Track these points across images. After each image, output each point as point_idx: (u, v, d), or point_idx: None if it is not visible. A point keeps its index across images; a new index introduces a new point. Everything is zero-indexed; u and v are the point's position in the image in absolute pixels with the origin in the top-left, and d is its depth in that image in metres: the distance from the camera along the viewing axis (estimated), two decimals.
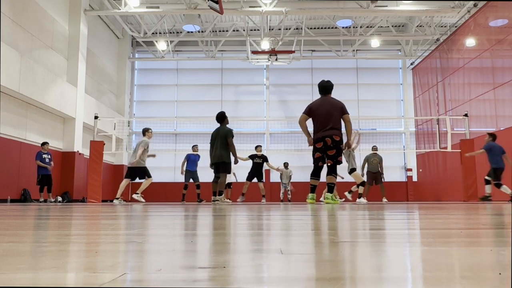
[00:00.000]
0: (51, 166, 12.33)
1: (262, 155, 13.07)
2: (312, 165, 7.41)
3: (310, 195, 7.27)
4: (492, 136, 10.43)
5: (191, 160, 13.37)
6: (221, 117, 9.02)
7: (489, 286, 0.65)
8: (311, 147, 7.39)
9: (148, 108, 20.88)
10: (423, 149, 17.33)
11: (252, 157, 12.89)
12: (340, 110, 7.19)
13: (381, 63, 20.79)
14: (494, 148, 10.17)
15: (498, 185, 9.98)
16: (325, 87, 7.41)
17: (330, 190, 7.29)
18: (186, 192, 13.59)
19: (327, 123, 7.10)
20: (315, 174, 7.35)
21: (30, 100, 12.63)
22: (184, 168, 13.38)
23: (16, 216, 3.29)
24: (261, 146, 13.46)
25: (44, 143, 12.39)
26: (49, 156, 12.37)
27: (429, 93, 17.64)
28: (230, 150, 8.76)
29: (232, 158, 8.81)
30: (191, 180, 13.49)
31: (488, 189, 10.25)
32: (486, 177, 10.31)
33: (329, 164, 7.24)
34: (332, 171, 7.23)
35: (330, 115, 7.12)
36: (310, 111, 7.28)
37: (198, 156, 13.56)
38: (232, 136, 8.84)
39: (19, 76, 11.75)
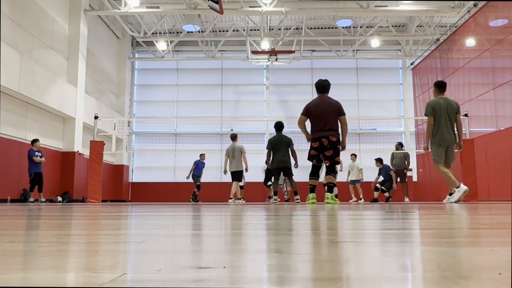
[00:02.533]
0: (43, 161, 12.01)
1: None
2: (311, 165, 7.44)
3: (310, 195, 7.25)
4: None
5: (199, 167, 15.64)
6: (281, 126, 9.74)
7: (489, 286, 0.65)
8: (310, 148, 7.40)
9: (148, 108, 20.89)
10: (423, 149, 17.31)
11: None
12: (337, 111, 7.16)
13: (381, 63, 20.79)
14: None
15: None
16: (323, 86, 7.38)
17: (330, 190, 7.28)
18: (198, 192, 15.65)
19: (324, 124, 7.08)
20: (314, 174, 7.35)
21: (30, 100, 12.63)
22: (191, 174, 15.56)
23: (16, 216, 3.29)
24: None
25: (35, 140, 11.98)
26: (40, 154, 12.00)
27: (429, 93, 17.63)
28: (293, 156, 9.59)
29: (293, 162, 9.59)
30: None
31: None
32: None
33: (327, 164, 7.25)
34: (331, 171, 7.23)
35: (327, 116, 7.10)
36: (307, 112, 7.26)
37: (204, 163, 15.70)
38: (293, 144, 9.64)
39: (19, 76, 11.76)
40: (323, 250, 1.10)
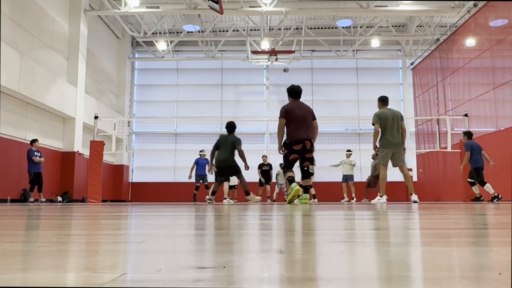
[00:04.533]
0: (43, 161, 11.94)
1: (268, 163, 16.02)
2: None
3: (293, 184, 7.18)
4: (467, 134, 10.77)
5: (200, 164, 14.76)
6: (232, 127, 9.46)
7: (489, 286, 0.65)
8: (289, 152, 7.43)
9: (148, 108, 20.89)
10: (423, 149, 17.33)
11: (260, 166, 15.93)
12: (312, 115, 7.43)
13: (381, 63, 20.79)
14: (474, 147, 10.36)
15: (483, 183, 10.27)
16: (297, 92, 7.58)
17: (307, 191, 7.37)
18: (197, 193, 14.95)
19: (305, 127, 7.28)
20: (290, 167, 7.42)
21: (30, 100, 12.63)
22: (193, 173, 14.79)
23: (16, 216, 3.29)
24: (266, 156, 16.08)
25: (34, 140, 11.89)
26: (39, 154, 11.92)
27: (429, 93, 17.63)
28: (240, 157, 9.19)
29: (242, 164, 9.21)
30: (201, 181, 14.93)
31: (475, 189, 10.63)
32: (469, 179, 10.74)
33: (307, 166, 7.33)
34: (310, 174, 7.41)
35: (306, 119, 7.33)
36: (286, 114, 7.35)
37: (206, 160, 14.81)
38: (240, 145, 9.28)
39: (19, 76, 11.75)
40: (323, 250, 1.10)
